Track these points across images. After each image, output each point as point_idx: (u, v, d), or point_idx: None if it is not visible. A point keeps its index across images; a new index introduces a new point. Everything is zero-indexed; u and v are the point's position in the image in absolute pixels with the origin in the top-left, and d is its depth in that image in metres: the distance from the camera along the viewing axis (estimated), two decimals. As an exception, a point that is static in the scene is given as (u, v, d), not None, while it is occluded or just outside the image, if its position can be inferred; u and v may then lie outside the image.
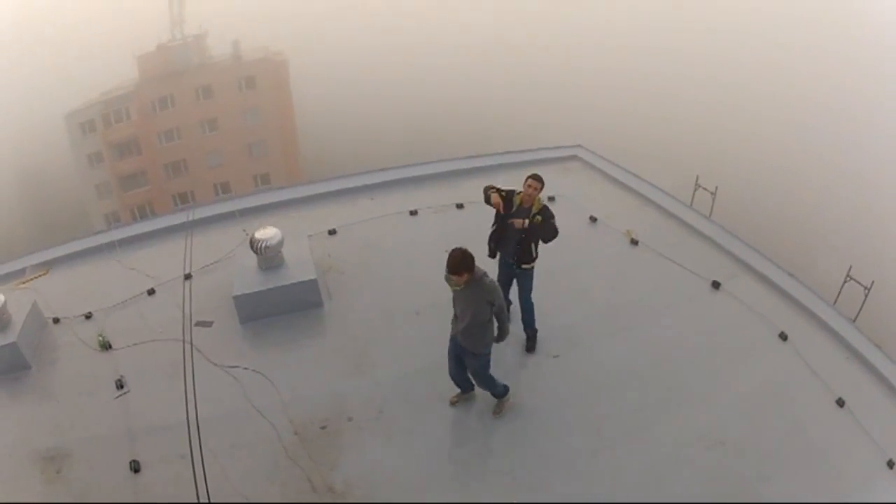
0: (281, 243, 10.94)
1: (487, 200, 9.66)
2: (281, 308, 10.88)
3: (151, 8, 53.60)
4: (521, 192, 9.61)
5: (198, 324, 10.89)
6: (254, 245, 10.86)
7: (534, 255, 9.77)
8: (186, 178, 54.12)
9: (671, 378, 9.52)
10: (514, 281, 10.05)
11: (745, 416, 8.88)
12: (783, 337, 10.13)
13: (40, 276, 12.74)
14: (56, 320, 11.31)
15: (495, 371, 8.84)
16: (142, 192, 52.95)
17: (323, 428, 9.04)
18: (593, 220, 12.91)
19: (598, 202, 13.59)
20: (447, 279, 8.16)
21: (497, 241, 9.85)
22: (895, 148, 51.34)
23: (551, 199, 13.23)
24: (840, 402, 9.08)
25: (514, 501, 7.91)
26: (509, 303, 9.78)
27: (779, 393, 9.27)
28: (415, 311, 10.90)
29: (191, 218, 13.49)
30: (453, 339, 8.62)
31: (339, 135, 57.80)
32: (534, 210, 9.46)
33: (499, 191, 9.64)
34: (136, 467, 8.64)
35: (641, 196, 14.00)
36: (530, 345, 10.13)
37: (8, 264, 13.50)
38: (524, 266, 9.82)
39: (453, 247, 11.84)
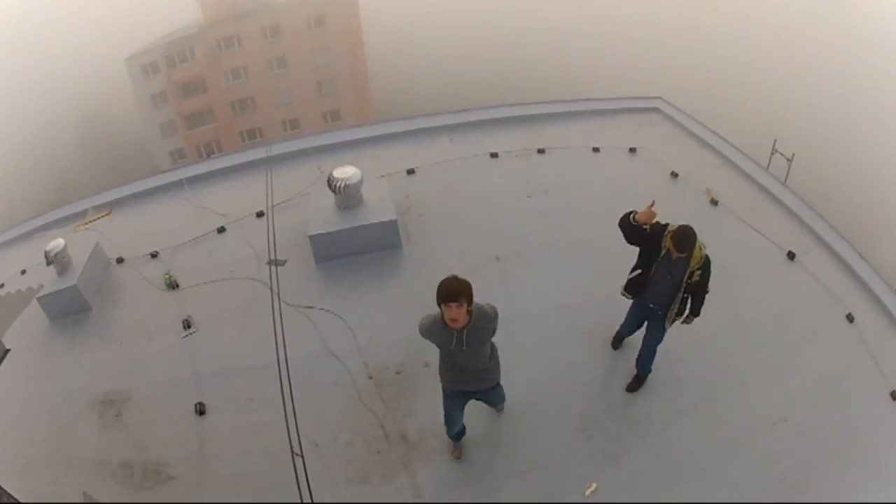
0: (360, 183, 10.69)
1: (629, 221, 7.52)
2: (358, 249, 10.69)
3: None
4: (672, 230, 7.38)
5: (271, 262, 10.66)
6: (332, 184, 10.60)
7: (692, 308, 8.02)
8: (254, 115, 54.40)
9: (743, 349, 9.16)
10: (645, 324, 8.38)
11: (808, 399, 8.54)
12: (850, 319, 9.70)
13: (103, 216, 12.80)
14: (120, 260, 11.33)
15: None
16: (208, 129, 53.35)
17: (398, 373, 8.88)
18: (674, 175, 12.46)
19: (678, 157, 13.11)
20: (430, 328, 6.62)
21: (640, 286, 7.92)
22: None
23: (632, 150, 13.13)
24: (894, 396, 8.70)
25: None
26: (621, 339, 8.98)
27: (841, 379, 8.89)
28: (495, 257, 10.59)
29: (269, 154, 13.31)
30: (460, 396, 7.29)
31: (411, 74, 57.40)
32: (693, 264, 7.42)
33: (645, 228, 7.53)
34: (201, 410, 8.62)
35: (721, 155, 13.49)
36: (635, 385, 8.61)
37: (70, 206, 13.65)
38: (682, 320, 8.05)
39: (534, 193, 11.98)
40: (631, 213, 7.51)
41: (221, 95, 53.56)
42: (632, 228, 7.49)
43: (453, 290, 6.13)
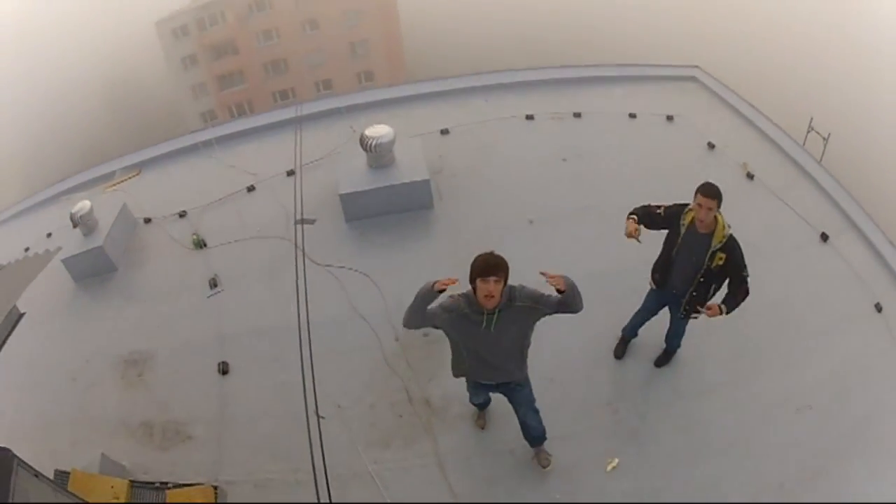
0: (393, 141, 10.58)
1: (644, 216, 7.10)
2: (389, 208, 10.60)
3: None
4: (691, 208, 6.93)
5: (300, 221, 10.49)
6: (364, 143, 10.49)
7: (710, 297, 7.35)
8: (287, 76, 54.15)
9: (771, 329, 8.92)
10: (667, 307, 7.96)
11: (833, 386, 8.28)
12: (878, 308, 9.37)
13: (132, 177, 12.85)
14: (147, 220, 11.32)
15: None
16: (239, 90, 53.28)
17: (426, 336, 8.70)
18: (711, 146, 12.21)
19: (714, 128, 12.84)
20: (455, 306, 5.92)
21: (663, 272, 7.49)
22: None
23: (669, 118, 12.89)
24: None
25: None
26: (634, 335, 8.50)
27: (866, 369, 8.59)
28: (528, 220, 10.44)
29: (299, 113, 13.11)
30: (477, 386, 6.87)
31: (445, 36, 56.82)
32: (715, 242, 6.85)
33: (658, 212, 7.13)
34: (224, 369, 8.58)
35: (757, 128, 13.15)
36: (663, 359, 8.42)
37: (98, 168, 13.76)
38: (694, 314, 7.46)
39: (570, 156, 11.75)
40: (650, 213, 7.14)
41: (253, 57, 53.39)
42: (647, 216, 7.11)
43: (492, 264, 5.58)
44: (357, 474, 7.48)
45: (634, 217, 6.99)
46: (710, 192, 6.68)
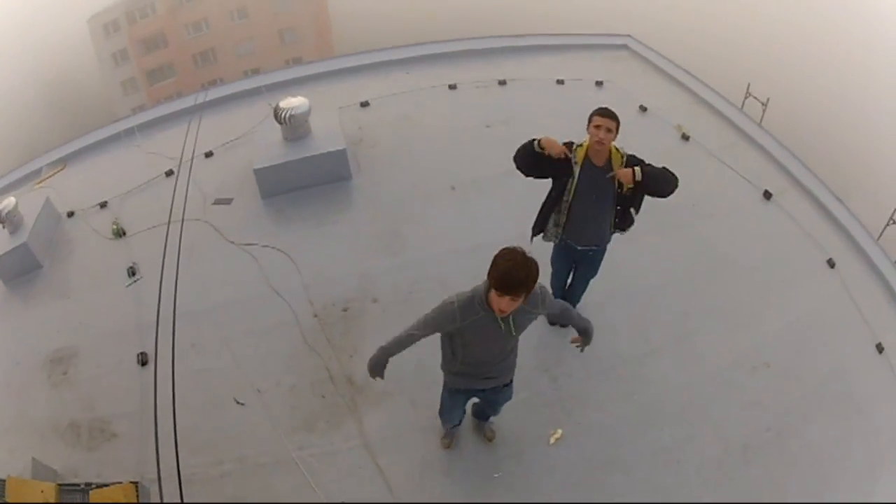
0: (308, 113, 10.22)
1: (530, 152, 6.32)
2: (306, 181, 10.25)
3: None
4: (583, 144, 6.37)
5: (216, 202, 10.36)
6: (278, 115, 10.13)
7: (636, 214, 6.78)
8: (216, 66, 53.54)
9: (719, 287, 8.73)
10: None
11: (789, 343, 8.11)
12: (831, 264, 9.31)
13: (57, 172, 12.48)
14: (70, 214, 10.94)
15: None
16: (170, 83, 52.51)
17: (345, 310, 8.39)
18: (643, 109, 12.05)
19: (648, 93, 12.66)
20: (465, 309, 4.94)
21: (561, 214, 6.77)
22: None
23: (599, 83, 12.67)
24: (880, 348, 8.31)
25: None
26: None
27: (823, 324, 8.47)
28: (450, 187, 10.19)
29: (207, 98, 13.06)
30: (465, 393, 6.07)
31: (375, 16, 56.49)
32: (616, 164, 6.30)
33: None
34: (143, 360, 8.16)
35: (693, 93, 13.04)
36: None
37: (26, 166, 13.29)
38: (622, 233, 6.88)
39: (493, 123, 11.46)
40: (533, 140, 6.30)
41: (183, 49, 52.85)
42: (534, 156, 6.30)
43: (517, 280, 4.54)
44: (281, 462, 7.07)
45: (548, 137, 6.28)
46: (606, 111, 6.20)
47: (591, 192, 6.45)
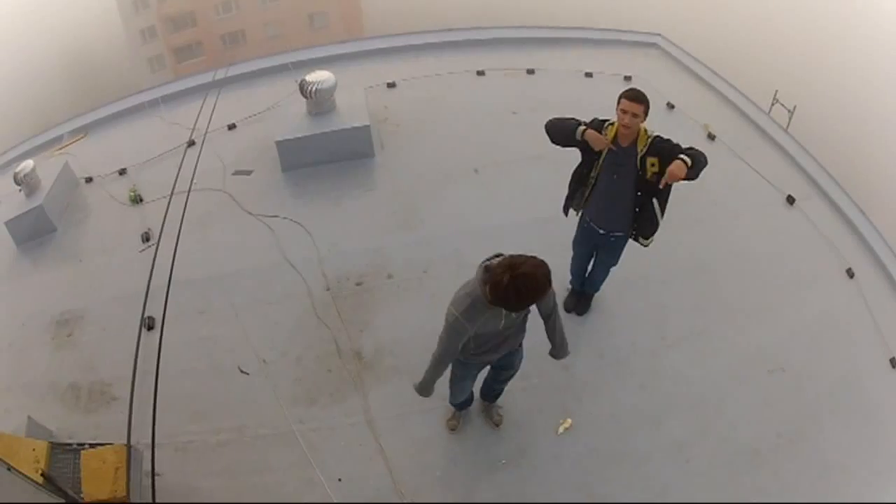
0: (334, 87, 10.22)
1: (570, 138, 6.29)
2: (328, 156, 10.20)
3: None
4: (612, 123, 6.30)
5: (236, 173, 10.36)
6: (304, 88, 10.12)
7: (661, 218, 6.60)
8: (244, 47, 53.59)
9: (738, 285, 8.60)
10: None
11: (807, 348, 7.97)
12: (850, 274, 9.14)
13: (78, 139, 12.52)
14: (88, 180, 10.98)
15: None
16: (197, 62, 52.61)
17: (358, 284, 8.33)
18: (671, 106, 11.91)
19: (675, 90, 12.51)
20: (472, 310, 4.87)
21: (586, 188, 6.68)
22: None
23: (627, 77, 12.55)
24: (893, 363, 8.13)
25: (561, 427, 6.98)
26: (583, 283, 7.84)
27: (838, 332, 8.32)
28: (473, 169, 10.10)
29: (233, 73, 13.09)
30: (479, 366, 6.01)
31: (405, 6, 56.54)
32: (640, 145, 6.21)
33: (575, 123, 6.33)
34: (150, 324, 8.06)
35: (720, 94, 12.93)
36: (584, 306, 7.92)
37: (46, 133, 13.36)
38: (644, 240, 6.77)
39: (520, 110, 11.36)
40: (578, 126, 6.24)
41: (211, 28, 53.12)
42: (571, 137, 6.27)
43: (536, 290, 4.56)
44: (281, 434, 7.01)
45: (583, 126, 6.24)
46: (635, 95, 6.13)
47: (614, 172, 6.39)
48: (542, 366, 6.92)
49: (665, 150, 6.14)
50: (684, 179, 5.99)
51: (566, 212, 6.99)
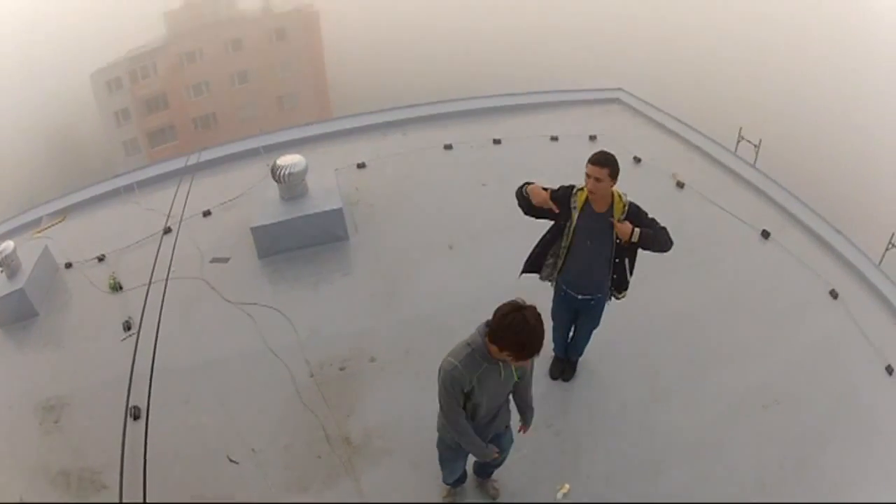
0: (305, 171, 10.34)
1: (524, 200, 6.35)
2: (303, 241, 10.30)
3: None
4: (581, 189, 6.33)
5: (213, 260, 10.40)
6: (275, 172, 10.25)
7: (631, 275, 6.76)
8: (216, 131, 54.06)
9: (724, 327, 8.76)
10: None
11: (799, 375, 8.13)
12: (833, 295, 9.40)
13: (56, 223, 12.53)
14: (68, 265, 10.98)
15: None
16: (170, 146, 52.96)
17: (342, 369, 8.34)
18: (637, 160, 12.20)
19: (641, 144, 12.83)
20: (470, 364, 4.87)
21: (559, 259, 6.76)
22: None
23: (592, 137, 12.81)
24: (889, 370, 8.32)
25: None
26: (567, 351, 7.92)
27: (830, 354, 8.52)
28: (447, 245, 10.22)
29: (205, 157, 13.16)
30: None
31: (372, 86, 57.38)
32: (618, 213, 6.23)
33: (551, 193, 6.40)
34: (135, 414, 8.02)
35: (685, 141, 13.27)
36: (570, 373, 7.96)
37: (26, 214, 13.28)
38: (619, 295, 6.95)
39: (489, 181, 11.56)
40: (524, 185, 6.36)
41: (184, 111, 53.55)
42: (526, 200, 6.31)
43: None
44: (276, 524, 6.95)
45: (532, 182, 6.33)
46: (597, 159, 6.14)
47: (588, 238, 6.42)
48: (531, 434, 7.02)
49: (642, 220, 6.26)
50: (644, 248, 6.22)
51: (521, 274, 6.99)
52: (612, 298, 6.97)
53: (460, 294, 9.05)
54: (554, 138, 12.99)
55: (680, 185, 11.55)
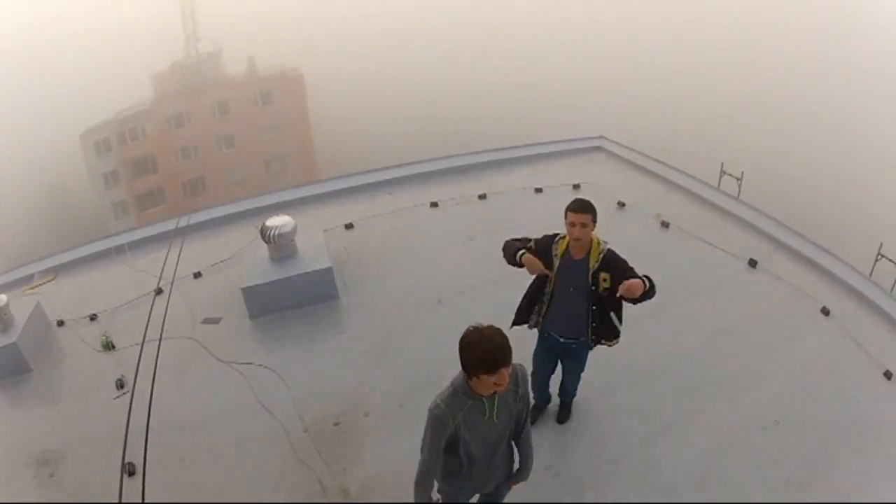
0: (294, 231, 10.52)
1: (514, 261, 6.57)
2: (293, 301, 10.40)
3: (165, 26, 54.20)
4: (563, 237, 6.56)
5: (205, 321, 10.50)
6: (265, 233, 10.42)
7: (621, 324, 6.82)
8: (204, 196, 54.27)
9: (718, 358, 8.87)
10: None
11: (797, 394, 8.27)
12: (825, 312, 9.60)
13: (48, 281, 12.60)
14: (60, 323, 11.02)
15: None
16: (159, 210, 53.16)
17: (336, 424, 8.38)
18: (621, 205, 12.49)
19: (625, 189, 13.16)
20: (453, 404, 4.88)
21: (542, 304, 6.88)
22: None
23: (576, 186, 13.04)
24: (888, 375, 8.49)
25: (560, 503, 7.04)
26: (547, 399, 8.04)
27: (827, 368, 8.67)
28: (437, 300, 10.35)
29: (196, 220, 13.28)
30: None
31: (357, 146, 57.96)
32: (593, 263, 6.38)
33: (528, 246, 6.60)
34: (131, 470, 7.98)
35: (668, 182, 13.61)
36: (564, 415, 8.00)
37: (17, 270, 13.35)
38: (609, 343, 6.92)
39: (476, 236, 11.76)
40: (518, 253, 6.49)
41: (172, 174, 53.79)
42: (511, 257, 6.58)
43: (500, 349, 4.47)
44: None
45: (522, 251, 6.46)
46: (580, 206, 6.28)
47: (570, 285, 6.55)
48: (531, 480, 7.09)
49: (618, 268, 6.31)
50: (631, 301, 6.18)
51: (512, 326, 6.79)
52: (602, 344, 6.93)
53: (452, 348, 8.90)
54: (538, 190, 13.23)
55: (665, 224, 11.79)
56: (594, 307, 6.57)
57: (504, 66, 68.38)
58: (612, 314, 6.64)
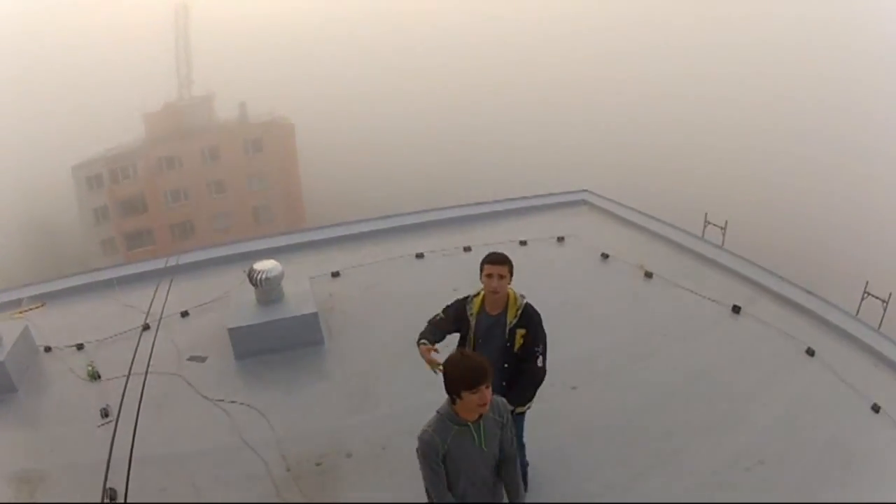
0: (281, 275, 10.71)
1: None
2: (278, 344, 10.53)
3: (159, 69, 54.53)
4: (478, 293, 6.50)
5: (191, 359, 10.63)
6: (252, 277, 10.60)
7: (534, 389, 6.46)
8: (192, 240, 54.35)
9: (700, 402, 8.99)
10: None
11: (781, 434, 8.36)
12: (810, 352, 9.76)
13: (36, 307, 12.70)
14: (48, 349, 11.14)
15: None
16: (147, 250, 53.09)
17: (318, 465, 8.44)
18: (605, 256, 12.70)
19: (608, 241, 13.40)
20: (441, 428, 5.07)
21: None
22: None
23: (560, 239, 13.35)
24: (875, 408, 8.63)
25: None
26: None
27: (813, 407, 8.80)
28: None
29: (185, 261, 13.46)
30: None
31: (345, 198, 58.22)
32: (510, 319, 6.26)
33: (438, 319, 6.74)
34: (112, 496, 8.03)
35: (651, 232, 13.88)
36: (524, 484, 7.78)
37: (4, 293, 13.44)
38: (517, 410, 6.27)
39: (460, 287, 11.59)
40: (424, 336, 6.51)
41: (161, 216, 53.82)
42: (433, 330, 6.58)
43: (478, 366, 4.70)
44: None
45: (424, 342, 6.38)
46: (497, 258, 6.23)
47: (488, 342, 6.34)
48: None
49: (531, 326, 6.25)
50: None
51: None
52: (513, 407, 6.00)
53: (434, 394, 9.06)
54: (523, 242, 13.39)
55: (648, 274, 12.01)
56: (506, 365, 6.29)
57: (490, 123, 69.09)
58: (524, 377, 6.33)
